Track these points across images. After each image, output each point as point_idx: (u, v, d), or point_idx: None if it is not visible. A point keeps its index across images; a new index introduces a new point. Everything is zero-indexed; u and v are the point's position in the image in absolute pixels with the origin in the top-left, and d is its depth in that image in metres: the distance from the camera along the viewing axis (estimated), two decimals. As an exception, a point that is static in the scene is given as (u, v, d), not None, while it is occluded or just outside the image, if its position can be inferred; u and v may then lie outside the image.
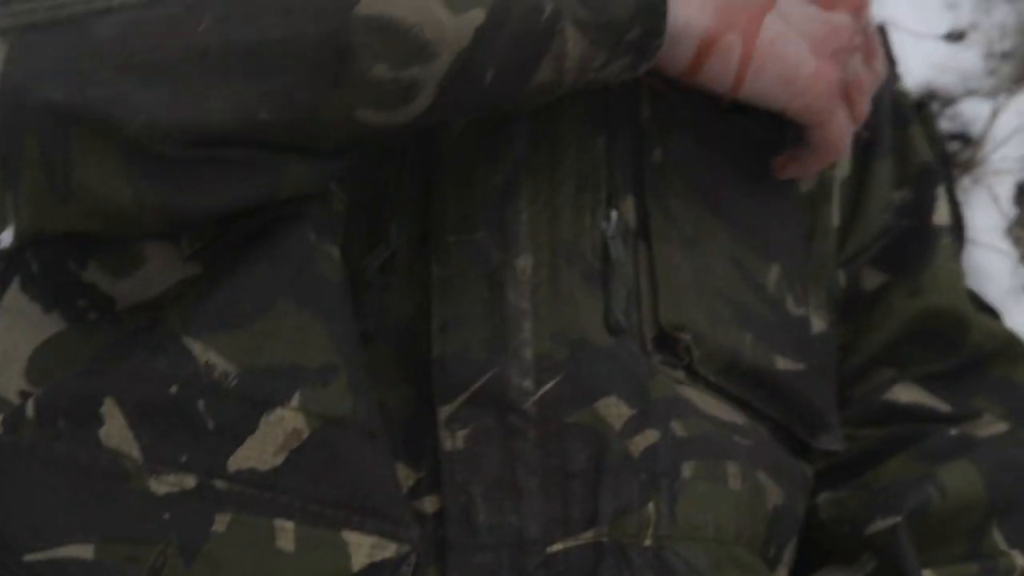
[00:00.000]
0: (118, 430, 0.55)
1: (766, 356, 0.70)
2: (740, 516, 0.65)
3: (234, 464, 0.55)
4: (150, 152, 0.51)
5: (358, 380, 0.58)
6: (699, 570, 0.62)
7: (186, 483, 0.55)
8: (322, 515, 0.56)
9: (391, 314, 0.63)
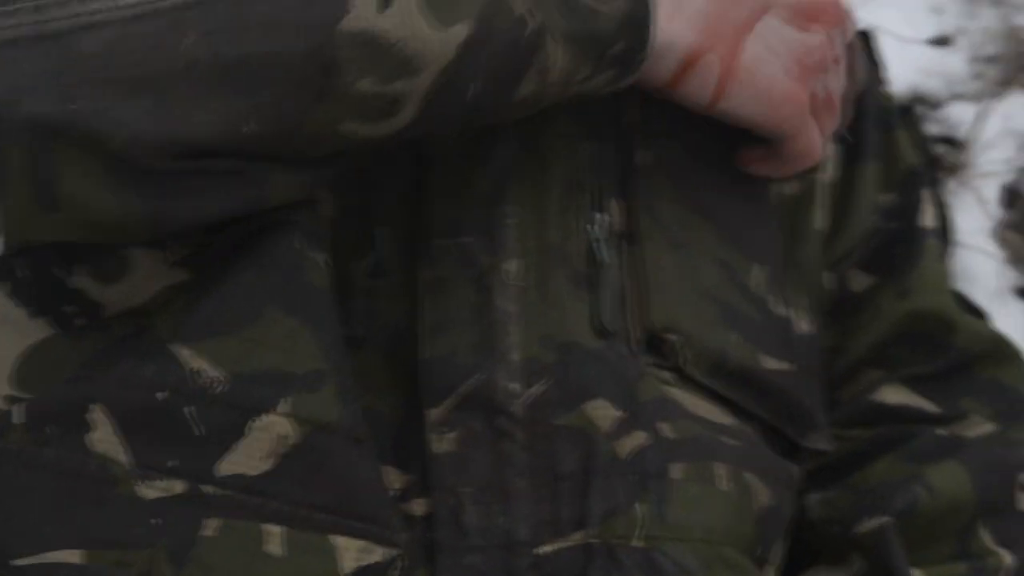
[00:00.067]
0: (106, 436, 0.55)
1: (753, 356, 0.70)
2: (729, 517, 0.65)
3: (223, 469, 0.55)
4: (135, 165, 0.51)
5: (346, 386, 0.58)
6: (688, 571, 0.62)
7: (175, 488, 0.55)
8: (310, 520, 0.56)
9: (379, 319, 0.63)
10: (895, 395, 0.80)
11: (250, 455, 0.55)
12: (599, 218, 0.66)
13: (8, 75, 0.49)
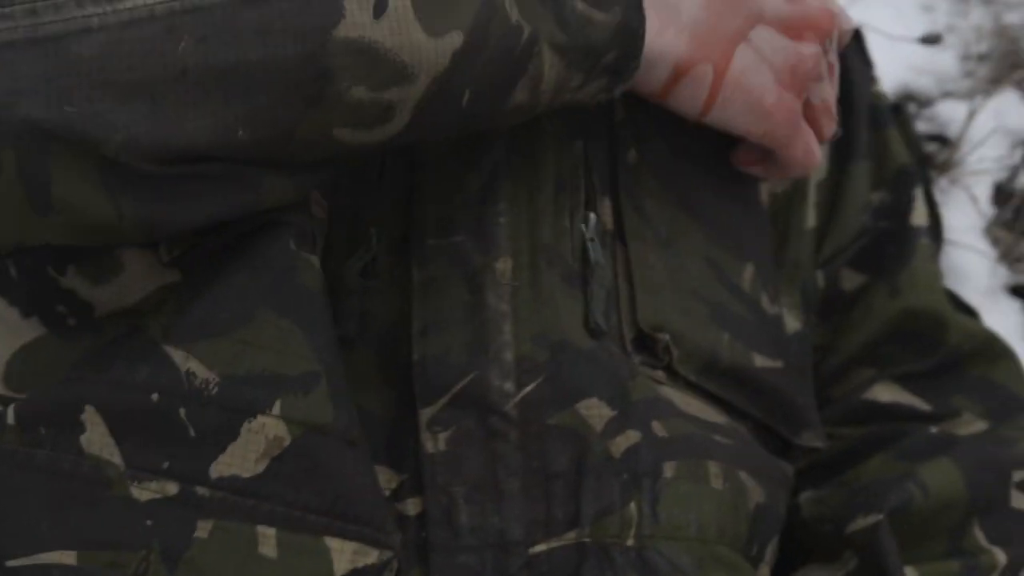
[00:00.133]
0: (99, 437, 0.55)
1: (744, 355, 0.71)
2: (722, 515, 0.65)
3: (216, 471, 0.55)
4: (129, 169, 0.51)
5: (339, 388, 0.58)
6: (682, 569, 0.62)
7: (168, 490, 0.55)
8: (304, 521, 0.56)
9: (372, 318, 0.63)
10: (887, 393, 0.81)
11: (244, 457, 0.55)
12: (591, 217, 0.66)
13: (3, 78, 0.49)
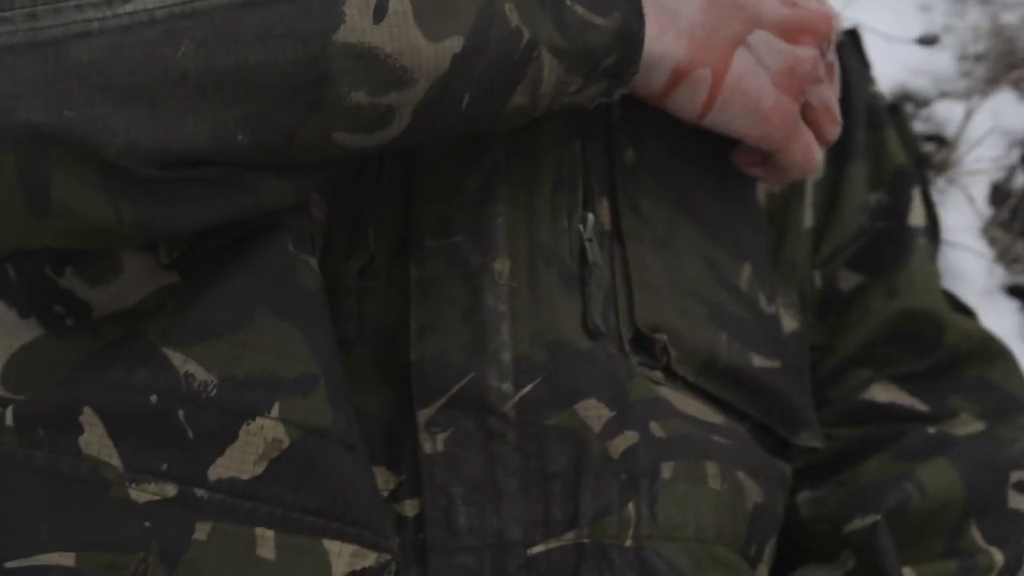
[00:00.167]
0: (98, 439, 0.55)
1: (742, 355, 0.71)
2: (720, 515, 0.65)
3: (214, 473, 0.55)
4: (129, 173, 0.51)
5: (338, 391, 0.58)
6: (680, 570, 0.62)
7: (167, 492, 0.55)
8: (302, 524, 0.56)
9: (370, 319, 0.63)
10: (885, 393, 0.81)
11: (242, 459, 0.55)
12: (589, 218, 0.66)
13: (2, 82, 0.49)
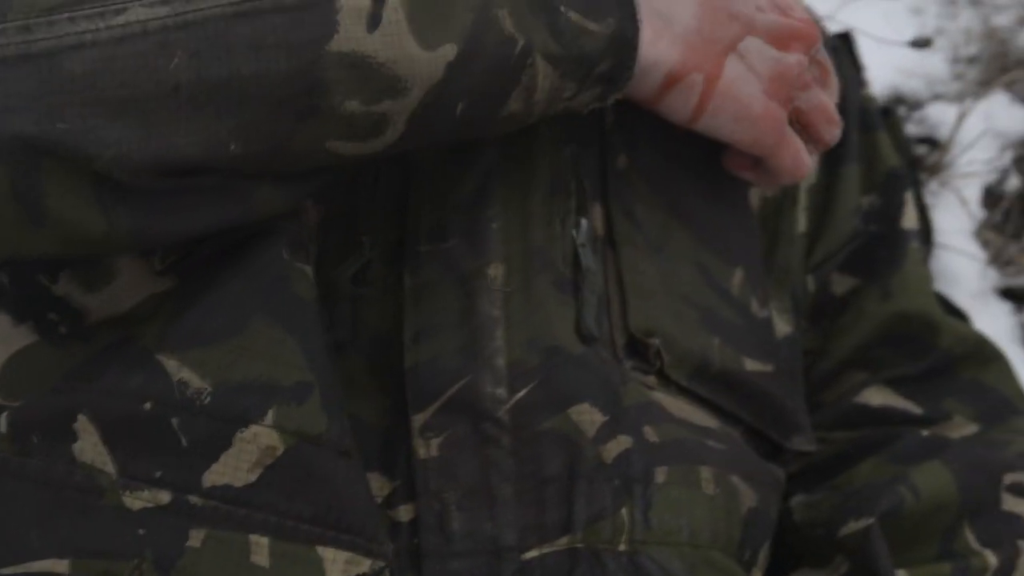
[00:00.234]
0: (92, 446, 0.55)
1: (735, 359, 0.71)
2: (714, 520, 0.65)
3: (209, 480, 0.55)
4: (122, 183, 0.51)
5: (332, 398, 0.58)
6: (674, 575, 0.62)
7: (161, 499, 0.55)
8: (297, 531, 0.56)
9: (365, 324, 0.63)
10: (878, 396, 0.81)
11: (236, 466, 0.55)
12: (583, 223, 0.66)
13: None
